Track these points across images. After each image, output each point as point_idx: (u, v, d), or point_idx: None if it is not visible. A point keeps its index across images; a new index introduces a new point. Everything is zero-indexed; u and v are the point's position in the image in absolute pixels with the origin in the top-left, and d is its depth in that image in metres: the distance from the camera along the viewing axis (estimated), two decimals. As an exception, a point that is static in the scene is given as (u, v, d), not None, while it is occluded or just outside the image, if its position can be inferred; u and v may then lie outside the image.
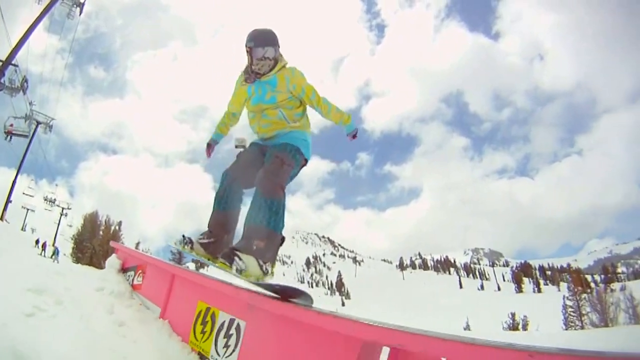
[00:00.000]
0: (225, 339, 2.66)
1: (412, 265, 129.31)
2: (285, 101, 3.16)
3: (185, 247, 3.12)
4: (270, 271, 2.85)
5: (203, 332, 2.88)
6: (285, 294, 2.53)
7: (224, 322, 2.73)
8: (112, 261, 4.63)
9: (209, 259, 3.08)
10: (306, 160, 3.26)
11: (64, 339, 2.37)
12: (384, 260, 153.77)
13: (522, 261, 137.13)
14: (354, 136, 3.24)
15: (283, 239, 2.98)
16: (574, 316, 33.56)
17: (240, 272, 2.68)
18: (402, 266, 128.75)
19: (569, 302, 35.29)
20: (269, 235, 2.84)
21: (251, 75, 3.20)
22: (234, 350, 2.56)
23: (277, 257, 3.10)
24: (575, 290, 36.62)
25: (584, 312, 32.98)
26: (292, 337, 2.28)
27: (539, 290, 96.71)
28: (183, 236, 3.17)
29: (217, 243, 3.11)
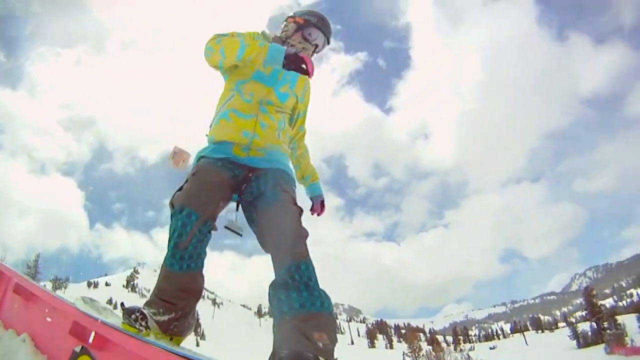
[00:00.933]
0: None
1: (270, 314, 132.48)
2: (288, 110, 2.33)
3: (139, 326, 1.85)
4: None
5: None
6: None
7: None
8: None
9: None
10: None
11: None
12: (243, 306, 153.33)
13: (380, 319, 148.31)
14: (323, 206, 2.47)
15: None
16: None
17: None
18: (259, 313, 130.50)
19: (407, 358, 39.31)
20: (328, 322, 1.67)
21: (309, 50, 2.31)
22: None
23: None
24: (414, 347, 40.70)
25: None
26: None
27: (391, 347, 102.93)
28: (130, 309, 1.92)
29: (181, 320, 1.95)
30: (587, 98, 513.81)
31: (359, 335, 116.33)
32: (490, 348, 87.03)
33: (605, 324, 60.23)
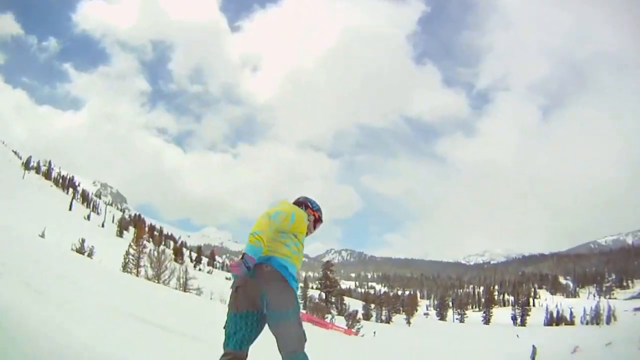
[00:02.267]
0: None
1: (37, 170, 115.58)
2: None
3: None
4: None
5: None
6: None
7: None
8: None
9: None
10: None
11: None
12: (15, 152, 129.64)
13: (139, 214, 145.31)
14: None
15: None
16: (133, 263, 37.63)
17: None
18: (27, 166, 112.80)
19: (132, 250, 39.01)
20: None
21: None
22: None
23: None
24: (139, 241, 40.53)
25: (142, 263, 37.24)
26: None
27: (137, 243, 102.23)
28: None
29: None
30: (410, 117, 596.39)
31: (113, 221, 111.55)
32: (227, 279, 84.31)
33: (333, 299, 64.76)
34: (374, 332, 45.27)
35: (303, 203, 3.16)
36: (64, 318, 5.13)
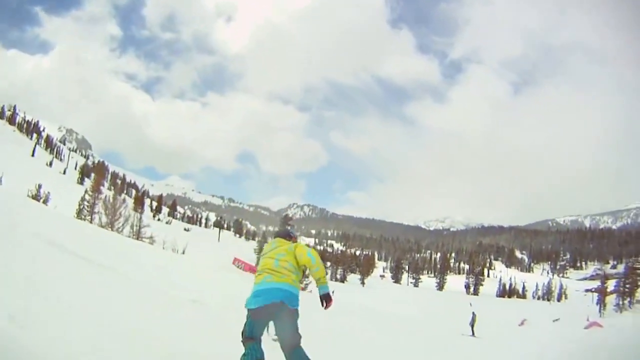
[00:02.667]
0: None
1: (1, 115, 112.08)
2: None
3: None
4: None
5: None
6: None
7: None
8: None
9: None
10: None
11: None
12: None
13: (104, 161, 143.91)
14: None
15: None
16: (87, 210, 38.35)
17: None
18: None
19: (87, 197, 39.58)
20: None
21: None
22: None
23: None
24: (95, 186, 41.67)
25: (96, 210, 37.73)
26: None
27: (97, 189, 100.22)
28: None
29: None
30: (381, 78, 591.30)
31: (76, 168, 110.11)
32: (185, 230, 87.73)
33: None
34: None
35: (293, 237, 3.99)
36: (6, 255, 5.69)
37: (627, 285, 56.76)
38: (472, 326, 21.86)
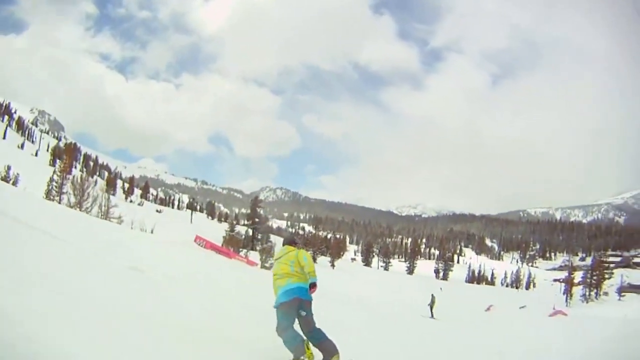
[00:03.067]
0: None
1: None
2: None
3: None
4: None
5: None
6: None
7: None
8: None
9: None
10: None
11: None
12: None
13: (76, 142, 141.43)
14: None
15: None
16: (56, 190, 38.60)
17: None
18: None
19: (56, 177, 40.09)
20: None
21: None
22: None
23: None
24: (64, 167, 42.08)
25: (64, 190, 37.69)
26: None
27: (67, 171, 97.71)
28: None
29: None
30: (358, 64, 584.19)
31: (48, 150, 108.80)
32: (157, 211, 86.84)
33: (260, 235, 63.25)
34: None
35: (297, 243, 4.92)
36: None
37: (594, 277, 59.84)
38: (431, 308, 22.32)
